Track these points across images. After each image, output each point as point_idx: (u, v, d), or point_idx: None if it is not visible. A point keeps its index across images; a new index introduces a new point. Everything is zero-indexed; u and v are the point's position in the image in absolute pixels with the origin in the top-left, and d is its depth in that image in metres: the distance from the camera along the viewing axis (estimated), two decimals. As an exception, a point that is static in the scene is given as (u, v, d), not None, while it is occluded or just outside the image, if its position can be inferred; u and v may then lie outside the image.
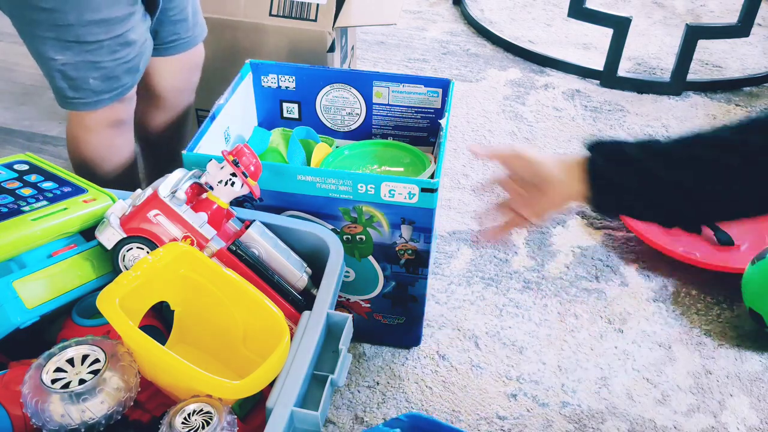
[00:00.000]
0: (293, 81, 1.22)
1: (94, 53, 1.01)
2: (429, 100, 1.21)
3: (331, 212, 1.00)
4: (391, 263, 1.06)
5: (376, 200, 0.97)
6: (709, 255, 1.35)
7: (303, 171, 0.96)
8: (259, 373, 0.71)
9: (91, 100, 1.06)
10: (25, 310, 0.76)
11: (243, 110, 1.22)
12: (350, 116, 1.25)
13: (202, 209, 0.89)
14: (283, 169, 0.97)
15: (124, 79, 1.07)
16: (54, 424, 0.65)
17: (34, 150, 1.61)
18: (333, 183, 0.96)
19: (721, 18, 2.35)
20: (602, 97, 1.90)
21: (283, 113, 1.27)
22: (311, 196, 0.98)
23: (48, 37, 0.98)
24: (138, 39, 1.06)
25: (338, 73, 1.21)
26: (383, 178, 0.94)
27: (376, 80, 1.20)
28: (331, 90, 1.22)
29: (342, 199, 0.97)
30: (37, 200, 0.86)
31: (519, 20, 2.31)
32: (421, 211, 0.97)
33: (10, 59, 1.98)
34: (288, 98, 1.25)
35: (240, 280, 0.81)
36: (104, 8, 0.98)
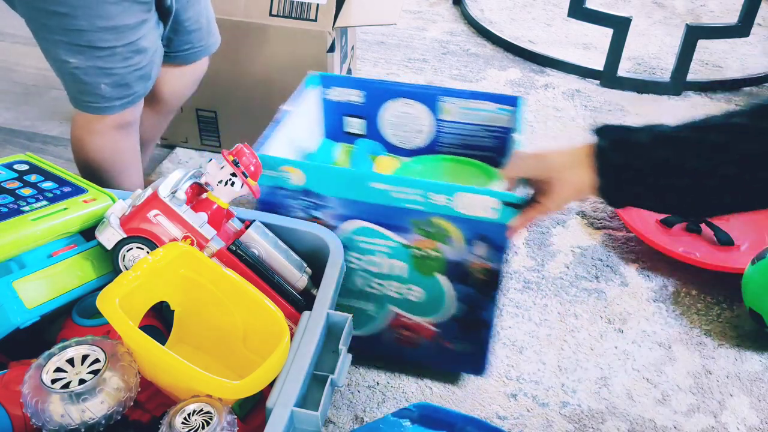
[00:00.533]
0: (360, 95, 1.17)
1: (106, 59, 1.01)
2: (498, 117, 1.14)
3: (402, 224, 0.95)
4: (463, 283, 0.99)
5: (451, 213, 0.92)
6: (709, 255, 1.35)
7: (376, 177, 0.92)
8: (259, 373, 0.71)
9: (102, 105, 1.06)
10: (25, 310, 0.76)
11: (308, 121, 1.17)
12: (416, 133, 1.20)
13: (202, 209, 0.89)
14: (353, 175, 0.93)
15: (135, 86, 1.07)
16: (54, 424, 0.65)
17: (34, 150, 1.61)
18: (406, 192, 0.91)
19: (721, 18, 2.36)
20: (602, 97, 1.90)
21: (345, 128, 1.22)
22: (383, 206, 0.94)
23: (61, 41, 0.99)
24: (150, 47, 1.06)
25: (406, 87, 1.16)
26: (459, 188, 0.89)
27: (443, 96, 1.15)
28: (398, 105, 1.17)
29: (415, 210, 0.93)
30: (37, 200, 0.86)
31: (519, 20, 2.31)
32: (498, 227, 0.91)
33: (10, 59, 1.98)
34: (352, 112, 1.20)
35: (240, 280, 0.81)
36: (116, 16, 0.98)
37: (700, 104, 1.89)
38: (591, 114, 1.83)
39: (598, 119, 1.80)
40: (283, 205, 0.99)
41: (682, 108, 1.87)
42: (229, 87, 1.51)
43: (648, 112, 1.84)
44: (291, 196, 0.97)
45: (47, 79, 1.87)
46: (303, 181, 0.95)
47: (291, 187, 0.96)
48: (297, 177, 0.95)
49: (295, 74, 1.46)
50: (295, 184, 0.96)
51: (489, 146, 1.17)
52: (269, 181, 0.96)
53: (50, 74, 1.09)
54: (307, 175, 0.94)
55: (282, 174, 0.95)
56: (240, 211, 0.95)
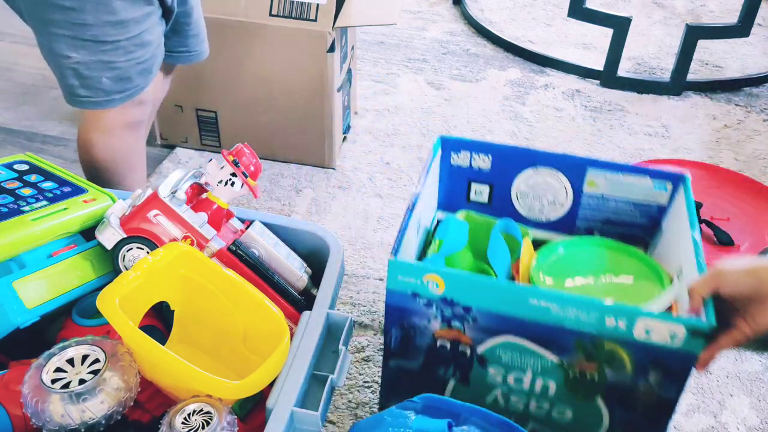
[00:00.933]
0: (488, 160, 1.05)
1: (110, 53, 1.01)
2: (654, 194, 1.00)
3: (562, 343, 0.82)
4: (625, 409, 0.85)
5: (626, 337, 0.79)
6: (709, 255, 1.35)
7: (538, 293, 0.79)
8: (259, 373, 0.71)
9: (101, 99, 1.05)
10: (25, 310, 0.76)
11: (429, 193, 1.04)
12: (552, 205, 1.06)
13: (202, 209, 0.89)
14: (509, 289, 0.81)
15: (136, 80, 1.07)
16: (54, 424, 0.65)
17: (34, 150, 1.61)
18: (574, 312, 0.78)
19: (721, 18, 2.35)
20: (602, 97, 1.90)
21: (470, 196, 1.09)
22: (541, 324, 0.81)
23: (63, 35, 0.98)
24: (154, 41, 1.06)
25: (545, 155, 1.03)
26: (639, 312, 0.77)
27: (592, 167, 1.01)
28: (534, 174, 1.04)
29: (581, 331, 0.80)
30: (37, 200, 0.86)
31: (519, 20, 2.31)
32: (680, 355, 0.78)
33: (10, 59, 1.98)
34: (479, 179, 1.07)
35: (240, 280, 0.81)
36: (121, 11, 0.98)
37: (700, 104, 1.89)
38: (591, 114, 1.83)
39: (598, 119, 1.80)
40: (417, 313, 0.86)
41: (682, 108, 1.87)
42: (229, 87, 1.51)
43: (648, 112, 1.85)
44: (428, 303, 0.84)
45: (47, 79, 1.87)
46: (443, 289, 0.82)
47: (429, 295, 0.83)
48: (437, 284, 0.82)
49: (295, 74, 1.47)
50: (435, 292, 0.83)
51: (637, 224, 1.04)
52: (402, 286, 0.83)
53: (50, 74, 1.08)
54: (448, 284, 0.81)
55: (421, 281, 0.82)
56: (240, 211, 0.95)
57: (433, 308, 0.84)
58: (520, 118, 1.80)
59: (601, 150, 1.69)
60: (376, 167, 1.60)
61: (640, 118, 1.82)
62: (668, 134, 1.76)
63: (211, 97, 1.54)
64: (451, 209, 1.10)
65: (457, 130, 1.73)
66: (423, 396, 0.72)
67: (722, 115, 1.85)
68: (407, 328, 0.88)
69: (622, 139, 1.73)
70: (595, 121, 1.80)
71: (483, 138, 1.71)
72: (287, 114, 1.52)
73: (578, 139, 1.72)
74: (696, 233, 0.87)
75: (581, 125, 1.78)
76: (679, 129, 1.79)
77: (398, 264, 0.82)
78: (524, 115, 1.81)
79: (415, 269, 0.81)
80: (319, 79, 1.46)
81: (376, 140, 1.69)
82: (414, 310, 0.85)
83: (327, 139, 1.54)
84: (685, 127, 1.79)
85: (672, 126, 1.79)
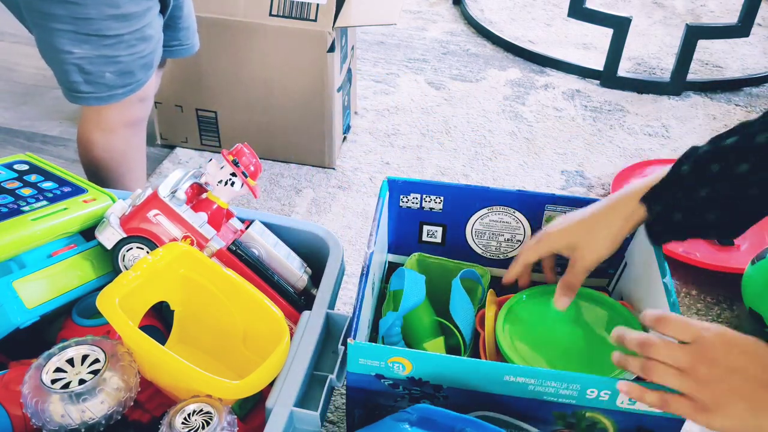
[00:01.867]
0: (440, 202, 1.02)
1: (113, 47, 1.01)
2: None
3: (539, 415, 0.79)
4: None
5: (609, 407, 0.76)
6: (709, 255, 1.35)
7: (511, 370, 0.75)
8: (259, 373, 0.71)
9: (104, 94, 1.05)
10: (25, 310, 0.77)
11: (380, 240, 0.97)
12: (509, 243, 1.04)
13: (202, 209, 0.89)
14: (483, 367, 0.76)
15: (138, 74, 1.06)
16: (54, 424, 0.65)
17: (34, 150, 1.61)
18: (553, 386, 0.75)
19: (721, 18, 2.35)
20: (602, 97, 1.90)
21: (422, 237, 1.06)
22: (517, 398, 0.77)
23: (66, 30, 0.98)
24: (155, 35, 1.06)
25: (499, 193, 1.00)
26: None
27: (549, 204, 0.99)
28: (489, 213, 1.01)
29: (560, 403, 0.77)
30: (37, 200, 0.86)
31: (519, 20, 2.31)
32: (665, 421, 0.75)
33: (10, 59, 1.98)
34: (431, 220, 1.04)
35: (240, 280, 0.81)
36: (124, 4, 0.98)
37: (700, 104, 1.89)
38: (591, 114, 1.83)
39: (598, 119, 1.80)
40: (382, 394, 0.81)
41: (682, 108, 1.87)
42: (229, 87, 1.51)
43: (648, 112, 1.84)
44: (394, 384, 0.80)
45: (47, 79, 1.87)
46: (410, 369, 0.77)
47: (395, 376, 0.78)
48: (403, 365, 0.77)
49: (295, 74, 1.47)
50: (401, 373, 0.78)
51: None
52: (365, 369, 0.78)
53: (50, 74, 1.08)
54: (416, 365, 0.77)
55: (385, 363, 0.77)
56: (240, 211, 0.95)
57: (400, 388, 0.80)
58: (520, 118, 1.80)
59: (601, 150, 1.69)
60: (376, 167, 1.60)
61: (640, 118, 1.82)
62: (668, 134, 1.76)
63: (211, 97, 1.54)
64: (403, 252, 1.06)
65: (457, 130, 1.73)
66: (417, 407, 0.72)
67: (722, 115, 1.85)
68: (371, 407, 0.84)
69: (622, 139, 1.73)
70: (595, 121, 1.80)
71: (483, 138, 1.71)
72: (287, 114, 1.52)
73: (578, 139, 1.72)
74: (667, 279, 0.84)
75: (581, 125, 1.78)
76: (679, 129, 1.78)
77: (359, 347, 0.75)
78: (524, 115, 1.81)
79: (378, 351, 0.75)
80: (319, 79, 1.46)
81: (376, 140, 1.69)
82: (379, 391, 0.81)
83: (327, 139, 1.54)
84: (685, 127, 1.79)
85: (672, 126, 1.79)
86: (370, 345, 0.76)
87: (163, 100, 1.56)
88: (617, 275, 1.02)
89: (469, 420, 0.70)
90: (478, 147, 1.68)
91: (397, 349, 0.76)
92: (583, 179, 1.59)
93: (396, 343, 0.89)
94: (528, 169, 1.61)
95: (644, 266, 0.92)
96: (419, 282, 0.93)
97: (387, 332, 0.88)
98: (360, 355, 0.76)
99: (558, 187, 1.56)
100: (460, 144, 1.69)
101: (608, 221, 0.80)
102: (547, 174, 1.60)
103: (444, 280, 0.97)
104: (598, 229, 0.81)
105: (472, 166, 1.61)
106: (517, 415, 0.79)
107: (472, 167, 1.61)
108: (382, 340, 0.89)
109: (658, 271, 0.86)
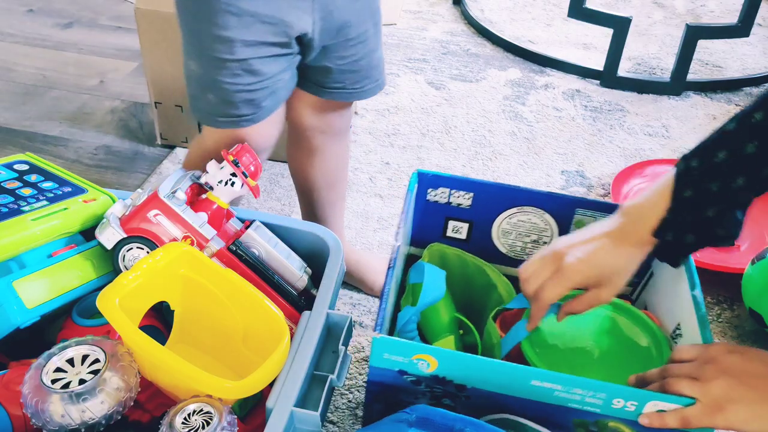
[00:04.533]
0: (469, 198, 1.00)
1: (216, 70, 0.93)
2: None
3: (559, 421, 0.78)
4: None
5: (634, 418, 0.75)
6: (709, 255, 1.35)
7: (539, 375, 0.74)
8: (259, 373, 0.71)
9: (205, 115, 0.99)
10: (25, 310, 0.77)
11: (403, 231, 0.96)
12: (535, 244, 1.03)
13: (202, 209, 0.89)
14: (511, 370, 0.75)
15: (242, 108, 0.96)
16: (54, 424, 0.65)
17: (34, 150, 1.61)
18: (579, 393, 0.74)
19: (721, 18, 2.35)
20: (602, 97, 1.90)
21: (446, 232, 1.05)
22: (539, 403, 0.76)
23: (186, 41, 0.95)
24: (267, 72, 0.94)
25: (530, 194, 0.99)
26: (651, 395, 0.73)
27: (580, 207, 0.97)
28: (518, 213, 1.00)
29: (584, 410, 0.76)
30: (37, 200, 0.86)
31: (519, 20, 2.31)
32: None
33: (10, 59, 1.98)
34: (458, 216, 1.02)
35: (240, 280, 0.81)
36: (232, 27, 0.89)
37: (700, 104, 1.89)
38: (591, 114, 1.83)
39: (598, 119, 1.80)
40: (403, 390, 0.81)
41: (682, 108, 1.87)
42: (229, 87, 1.51)
43: (648, 112, 1.85)
44: (416, 381, 0.79)
45: (47, 79, 1.87)
46: (435, 367, 0.77)
47: (419, 372, 0.78)
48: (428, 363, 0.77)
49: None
50: (425, 371, 0.78)
51: None
52: (388, 364, 0.78)
53: (50, 74, 1.08)
54: (442, 363, 0.76)
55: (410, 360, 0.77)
56: (240, 211, 0.95)
57: (422, 386, 0.79)
58: (520, 118, 1.80)
59: (601, 150, 1.69)
60: (376, 167, 1.60)
61: (640, 118, 1.82)
62: (668, 134, 1.76)
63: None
64: (424, 245, 1.04)
65: (457, 130, 1.73)
66: (417, 407, 0.71)
67: (722, 115, 1.85)
68: (392, 404, 0.82)
69: (622, 139, 1.73)
70: (595, 121, 1.80)
71: (483, 138, 1.71)
72: (287, 114, 1.52)
73: (578, 139, 1.72)
74: (697, 292, 0.83)
75: (581, 125, 1.78)
76: (679, 129, 1.78)
77: (385, 341, 0.75)
78: (524, 115, 1.81)
79: (403, 347, 0.75)
80: (319, 79, 1.45)
81: (376, 140, 1.69)
82: (400, 387, 0.80)
83: (327, 139, 1.53)
84: (685, 127, 1.79)
85: (672, 126, 1.79)
86: (395, 340, 0.75)
87: (163, 100, 1.56)
88: (642, 284, 1.00)
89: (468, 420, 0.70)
90: (478, 147, 1.68)
91: (423, 345, 0.76)
92: (583, 179, 1.59)
93: (411, 339, 0.89)
94: (528, 169, 1.61)
95: (672, 277, 0.91)
96: (439, 278, 0.91)
97: (403, 327, 0.88)
98: (385, 350, 0.76)
99: (558, 187, 1.56)
100: (460, 144, 1.69)
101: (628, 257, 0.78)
102: (547, 174, 1.60)
103: (462, 274, 0.97)
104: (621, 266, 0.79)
105: (472, 166, 1.61)
106: (538, 420, 0.78)
107: (472, 167, 1.61)
108: (397, 334, 0.88)
109: (686, 283, 0.85)
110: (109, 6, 2.31)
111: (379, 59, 1.08)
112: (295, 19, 0.92)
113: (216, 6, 0.88)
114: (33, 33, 2.10)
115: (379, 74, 1.10)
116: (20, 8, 2.22)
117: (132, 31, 2.03)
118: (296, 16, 0.92)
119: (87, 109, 1.79)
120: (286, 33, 0.92)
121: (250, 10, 0.88)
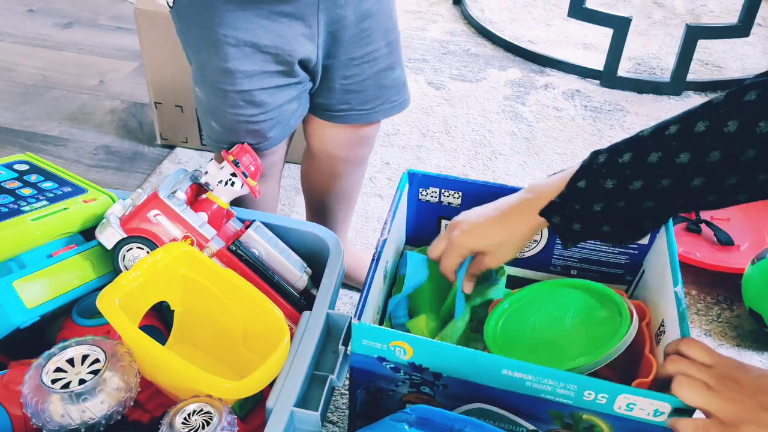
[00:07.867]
0: (458, 197, 1.02)
1: (218, 100, 0.93)
2: None
3: (536, 413, 0.78)
4: None
5: (606, 411, 0.75)
6: (709, 255, 1.35)
7: (509, 365, 0.74)
8: (259, 373, 0.71)
9: (210, 140, 0.99)
10: (25, 310, 0.76)
11: (397, 231, 0.99)
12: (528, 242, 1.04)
13: (202, 209, 0.89)
14: (481, 359, 0.76)
15: (245, 138, 0.96)
16: (54, 424, 0.65)
17: (34, 150, 1.61)
18: (550, 384, 0.75)
19: (721, 18, 2.36)
20: (602, 97, 1.91)
21: (440, 231, 1.05)
22: (514, 393, 0.77)
23: (194, 67, 0.95)
24: (271, 103, 0.94)
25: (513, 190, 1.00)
26: (622, 389, 0.72)
27: None
28: None
29: (557, 402, 0.76)
30: (37, 200, 0.86)
31: (519, 20, 2.31)
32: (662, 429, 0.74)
33: (10, 59, 1.98)
34: (449, 215, 1.02)
35: (240, 280, 0.81)
36: (233, 59, 0.88)
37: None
38: (591, 114, 1.83)
39: (598, 119, 1.80)
40: (384, 377, 0.82)
41: (682, 108, 1.85)
42: (229, 87, 1.51)
43: (648, 112, 1.85)
44: (395, 368, 0.81)
45: (47, 79, 1.87)
46: (411, 354, 0.78)
47: (396, 360, 0.79)
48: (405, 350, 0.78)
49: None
50: (402, 358, 0.79)
51: (617, 263, 1.01)
52: (368, 350, 0.79)
53: (50, 74, 1.08)
54: (417, 350, 0.77)
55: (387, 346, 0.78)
56: (240, 211, 0.95)
57: (401, 373, 0.81)
58: (520, 118, 1.80)
59: (601, 150, 1.69)
60: (376, 167, 1.60)
61: (640, 118, 1.82)
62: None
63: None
64: (420, 245, 1.05)
65: (457, 130, 1.73)
66: (416, 407, 0.72)
67: (722, 115, 1.85)
68: (373, 391, 0.84)
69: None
70: (595, 121, 1.80)
71: (483, 138, 1.71)
72: (287, 114, 1.52)
73: (578, 139, 1.72)
74: (678, 288, 0.83)
75: (581, 125, 1.78)
76: (679, 129, 1.79)
77: (362, 327, 0.76)
78: (524, 115, 1.81)
79: (380, 334, 0.76)
80: (319, 79, 1.45)
81: (377, 140, 1.69)
82: (381, 375, 0.82)
83: (327, 139, 1.53)
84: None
85: (672, 126, 1.79)
86: (372, 327, 0.77)
87: (163, 100, 1.56)
88: (635, 282, 1.01)
89: (468, 420, 0.70)
90: (478, 147, 1.68)
91: (398, 332, 0.77)
92: (583, 179, 1.59)
93: (403, 324, 0.91)
94: (528, 169, 1.61)
95: (659, 274, 0.92)
96: (421, 262, 0.95)
97: (393, 312, 0.91)
98: (363, 335, 0.77)
99: (558, 187, 1.56)
100: (460, 144, 1.69)
101: (513, 230, 0.83)
102: (547, 174, 1.60)
103: None
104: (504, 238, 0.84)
105: (472, 166, 1.61)
106: (514, 411, 0.79)
107: (472, 167, 1.61)
108: (389, 321, 0.91)
109: (671, 280, 0.86)
110: (109, 6, 2.31)
111: (395, 80, 1.06)
112: (297, 46, 0.91)
113: (214, 38, 0.87)
114: (33, 33, 2.10)
115: (395, 95, 1.07)
116: (20, 8, 2.22)
117: (132, 31, 2.04)
118: (299, 43, 0.91)
119: (87, 109, 1.79)
120: (288, 61, 0.91)
121: (250, 41, 0.88)
